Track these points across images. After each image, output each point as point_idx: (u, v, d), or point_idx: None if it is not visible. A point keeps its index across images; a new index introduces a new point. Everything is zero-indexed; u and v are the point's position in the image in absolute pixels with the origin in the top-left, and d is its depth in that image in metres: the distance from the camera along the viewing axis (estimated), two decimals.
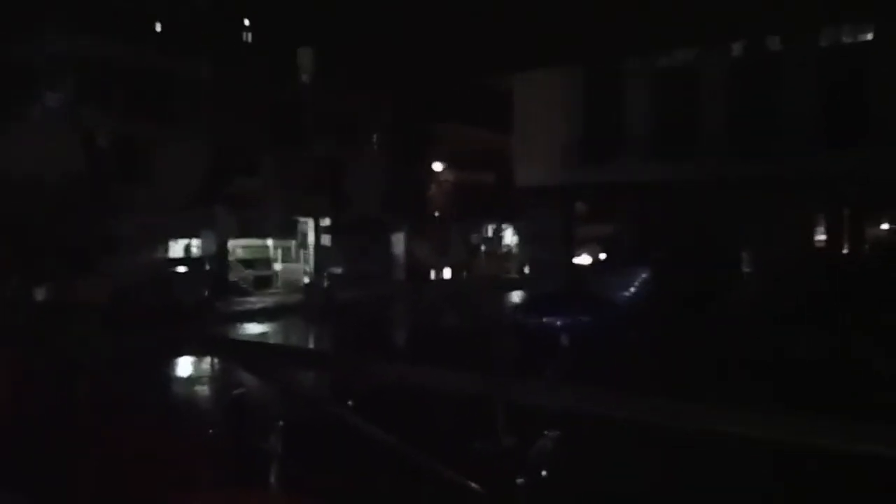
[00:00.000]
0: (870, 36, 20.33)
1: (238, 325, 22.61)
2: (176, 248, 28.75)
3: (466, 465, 2.73)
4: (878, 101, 19.26)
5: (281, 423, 3.30)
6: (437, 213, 39.15)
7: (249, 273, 30.69)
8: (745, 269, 21.16)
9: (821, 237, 21.45)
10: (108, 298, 20.12)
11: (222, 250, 28.83)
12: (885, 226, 22.05)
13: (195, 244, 28.94)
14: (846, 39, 20.75)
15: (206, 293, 24.89)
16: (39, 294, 20.48)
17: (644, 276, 20.24)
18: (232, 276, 29.33)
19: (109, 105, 25.17)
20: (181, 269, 26.42)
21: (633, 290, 19.39)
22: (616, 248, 23.69)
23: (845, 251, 20.97)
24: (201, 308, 23.11)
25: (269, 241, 32.92)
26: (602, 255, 24.83)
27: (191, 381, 14.11)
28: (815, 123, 19.77)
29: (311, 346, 20.48)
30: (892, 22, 19.14)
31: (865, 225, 21.46)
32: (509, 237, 46.13)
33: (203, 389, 13.37)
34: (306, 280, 32.28)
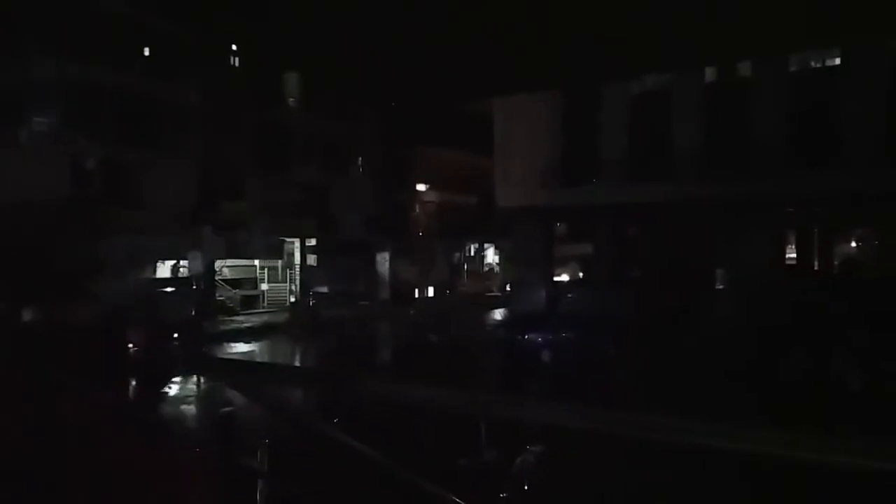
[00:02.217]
0: (837, 60, 20.92)
1: (225, 343, 22.76)
2: (164, 269, 28.98)
3: (452, 481, 2.84)
4: (845, 123, 19.82)
5: (268, 440, 3.41)
6: (420, 234, 39.54)
7: (236, 293, 30.95)
8: (719, 287, 21.58)
9: (791, 255, 21.94)
10: (95, 319, 20.22)
11: (210, 271, 29.06)
12: (853, 244, 22.56)
13: (183, 265, 29.15)
14: (814, 64, 21.34)
15: (194, 312, 25.09)
16: (26, 316, 20.56)
17: (622, 294, 20.69)
18: (219, 296, 29.56)
19: (98, 129, 25.43)
20: (169, 289, 26.63)
21: (611, 307, 19.79)
22: (595, 266, 24.09)
23: (815, 269, 21.44)
24: (189, 327, 23.30)
25: (256, 262, 33.18)
26: (581, 274, 25.25)
27: (178, 399, 14.23)
28: (786, 145, 20.30)
29: (298, 364, 20.63)
30: (859, 47, 19.85)
31: (835, 244, 21.95)
32: (491, 257, 46.60)
33: (190, 408, 13.52)
34: (292, 299, 32.58)
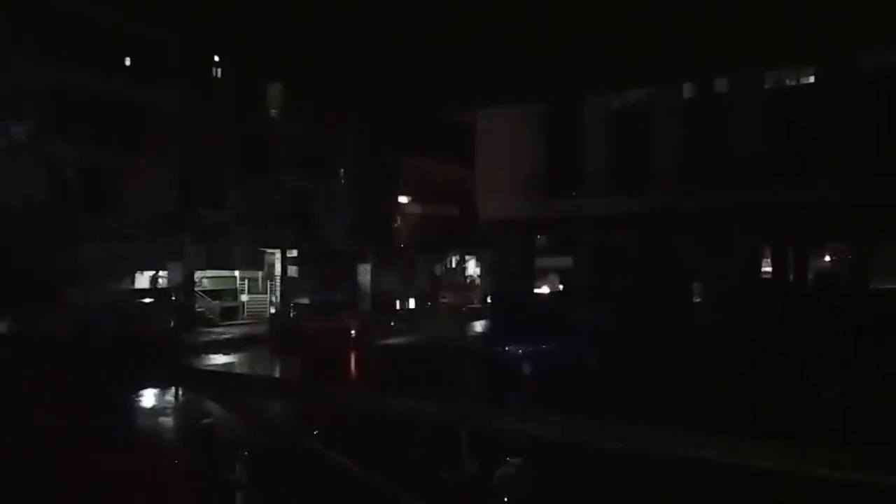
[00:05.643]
0: (811, 78, 21.28)
1: (204, 355, 22.59)
2: (142, 279, 28.69)
3: (432, 493, 2.80)
4: (820, 137, 20.17)
5: (247, 452, 3.38)
6: (402, 245, 39.58)
7: (216, 304, 30.70)
8: (698, 298, 21.77)
9: (768, 268, 22.17)
10: (73, 329, 20.02)
11: (189, 281, 28.82)
12: (827, 257, 22.82)
13: (162, 275, 28.90)
14: (789, 81, 21.71)
15: (172, 324, 24.87)
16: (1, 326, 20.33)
17: (603, 305, 20.83)
18: (198, 307, 29.31)
19: (76, 135, 25.24)
20: (147, 300, 26.37)
21: (592, 318, 19.91)
22: (576, 278, 24.20)
23: (791, 281, 21.68)
24: (167, 339, 23.08)
25: (236, 272, 32.97)
26: (562, 286, 25.34)
27: (157, 412, 14.06)
28: (763, 159, 20.60)
29: (278, 376, 20.52)
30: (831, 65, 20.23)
31: (810, 256, 22.20)
32: (473, 268, 46.75)
33: (170, 420, 13.35)
34: (273, 311, 32.39)
